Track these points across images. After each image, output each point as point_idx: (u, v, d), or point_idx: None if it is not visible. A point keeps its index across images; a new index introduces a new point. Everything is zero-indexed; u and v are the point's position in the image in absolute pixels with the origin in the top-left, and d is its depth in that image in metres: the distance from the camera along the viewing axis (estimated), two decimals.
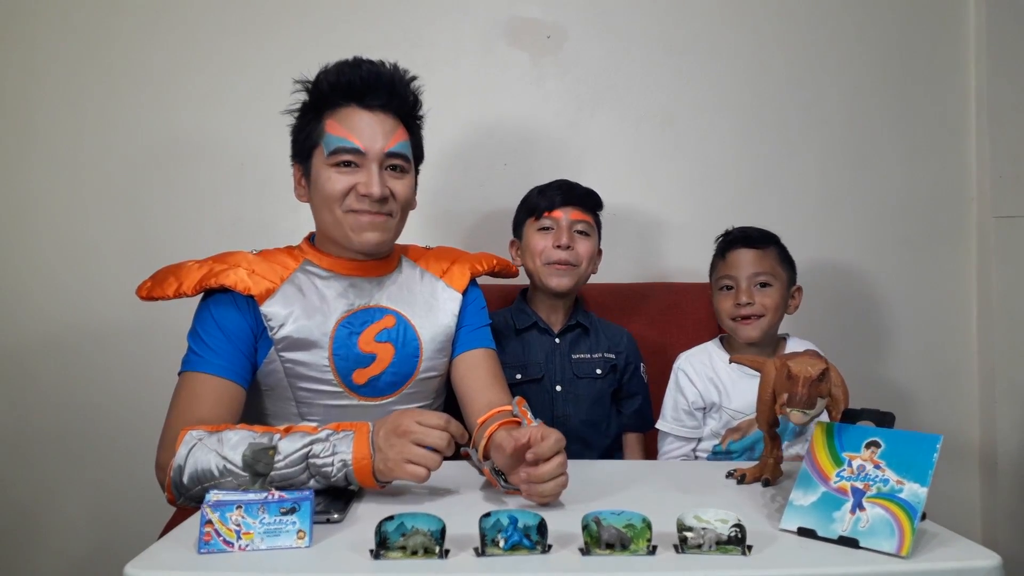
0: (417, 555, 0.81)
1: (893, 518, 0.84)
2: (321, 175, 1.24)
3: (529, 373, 1.55)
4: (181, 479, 1.01)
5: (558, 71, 1.96)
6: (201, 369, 1.17)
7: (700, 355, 1.52)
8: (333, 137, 1.22)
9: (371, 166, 1.23)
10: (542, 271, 1.55)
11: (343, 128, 1.22)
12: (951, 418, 2.01)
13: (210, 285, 1.21)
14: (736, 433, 1.44)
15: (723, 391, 1.46)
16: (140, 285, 1.24)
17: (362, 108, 1.24)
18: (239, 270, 1.22)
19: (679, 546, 0.83)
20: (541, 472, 0.97)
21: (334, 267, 1.29)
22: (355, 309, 1.27)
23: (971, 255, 2.02)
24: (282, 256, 1.30)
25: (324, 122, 1.24)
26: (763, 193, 1.98)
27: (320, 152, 1.24)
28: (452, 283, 1.38)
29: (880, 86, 2.00)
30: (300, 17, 1.91)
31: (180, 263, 1.25)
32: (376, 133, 1.23)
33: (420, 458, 0.97)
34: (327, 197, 1.24)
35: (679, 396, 1.49)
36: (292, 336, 1.22)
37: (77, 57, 1.89)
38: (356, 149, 1.22)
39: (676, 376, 1.51)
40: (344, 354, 1.24)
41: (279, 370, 1.23)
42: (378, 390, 1.27)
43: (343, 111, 1.24)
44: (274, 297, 1.23)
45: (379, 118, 1.24)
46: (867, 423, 0.94)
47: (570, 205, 1.55)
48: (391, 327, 1.28)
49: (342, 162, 1.22)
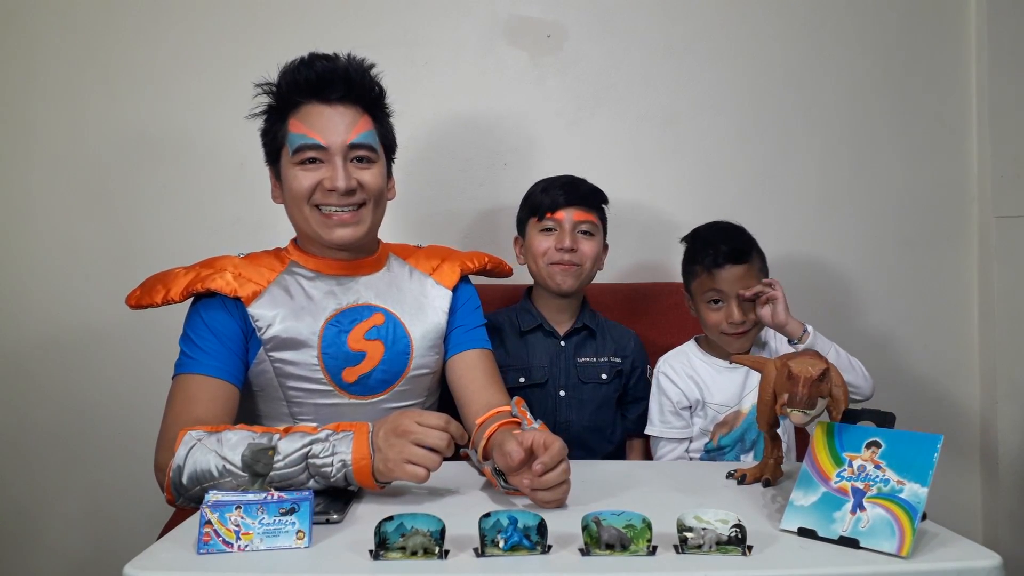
0: (417, 555, 0.81)
1: (894, 518, 0.84)
2: (288, 174, 1.25)
3: (533, 377, 1.53)
4: (180, 479, 1.01)
5: (558, 71, 1.96)
6: (195, 371, 1.18)
7: (679, 356, 1.54)
8: (295, 136, 1.23)
9: (335, 160, 1.23)
10: (545, 272, 1.53)
11: (304, 126, 1.23)
12: (952, 418, 2.01)
13: (197, 290, 1.22)
14: (724, 427, 1.47)
15: (704, 387, 1.48)
16: (129, 294, 1.25)
17: (322, 103, 1.24)
18: (225, 274, 1.24)
19: (679, 546, 0.83)
20: (546, 480, 0.96)
21: (320, 267, 1.30)
22: (343, 308, 1.27)
23: (972, 255, 2.02)
24: (268, 259, 1.31)
25: (288, 122, 1.25)
26: (763, 193, 1.98)
27: (286, 152, 1.25)
28: (442, 280, 1.38)
29: (880, 86, 2.00)
30: (300, 17, 1.91)
31: (167, 271, 1.26)
32: (337, 126, 1.23)
33: (420, 458, 0.97)
34: (295, 196, 1.25)
35: (663, 399, 1.50)
36: (280, 336, 1.22)
37: (77, 57, 1.89)
38: (317, 144, 1.22)
39: (657, 379, 1.52)
40: (333, 353, 1.24)
41: (269, 370, 1.23)
42: (369, 388, 1.27)
43: (304, 109, 1.24)
44: (261, 298, 1.23)
45: (339, 111, 1.24)
46: (867, 423, 0.94)
47: (573, 205, 1.52)
48: (380, 325, 1.28)
49: (307, 159, 1.23)
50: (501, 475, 1.04)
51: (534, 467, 0.96)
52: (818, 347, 1.38)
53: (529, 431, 1.01)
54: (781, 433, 1.15)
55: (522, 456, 0.98)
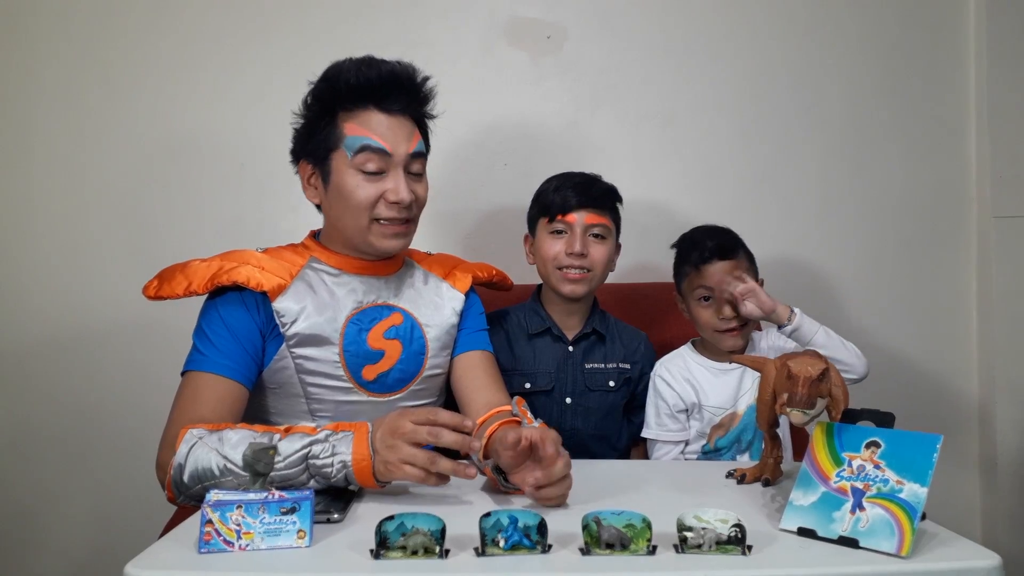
0: (417, 555, 0.81)
1: (893, 518, 0.84)
2: (347, 181, 1.22)
3: (539, 384, 1.51)
4: (181, 477, 1.01)
5: (558, 71, 1.96)
6: (205, 368, 1.17)
7: (675, 359, 1.54)
8: (356, 138, 1.21)
9: (397, 171, 1.22)
10: (554, 277, 1.49)
11: (365, 130, 1.21)
12: (951, 418, 2.01)
13: (222, 282, 1.19)
14: (720, 430, 1.47)
15: (700, 390, 1.48)
16: (147, 284, 1.22)
17: (380, 111, 1.22)
18: (249, 267, 1.21)
19: (679, 546, 0.83)
20: (553, 471, 0.97)
21: (342, 265, 1.29)
22: (364, 306, 1.27)
23: (971, 255, 2.02)
24: (288, 253, 1.30)
25: (342, 124, 1.22)
26: (763, 193, 1.98)
27: (342, 155, 1.22)
28: (456, 284, 1.39)
29: (880, 86, 2.00)
30: (300, 17, 1.91)
31: (185, 262, 1.24)
32: (398, 136, 1.22)
33: (414, 458, 0.97)
34: (356, 205, 1.22)
35: (660, 401, 1.50)
36: (304, 332, 1.22)
37: (77, 57, 1.89)
38: (383, 150, 1.21)
39: (654, 382, 1.53)
40: (355, 350, 1.24)
41: (290, 366, 1.22)
42: (387, 386, 1.28)
43: (361, 114, 1.22)
44: (286, 293, 1.22)
45: (399, 121, 1.23)
46: (867, 423, 0.95)
47: (585, 207, 1.47)
48: (399, 324, 1.29)
49: (369, 165, 1.21)
50: (502, 474, 1.04)
51: (545, 451, 0.96)
52: (805, 328, 1.39)
53: (527, 429, 1.02)
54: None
55: (517, 438, 0.98)
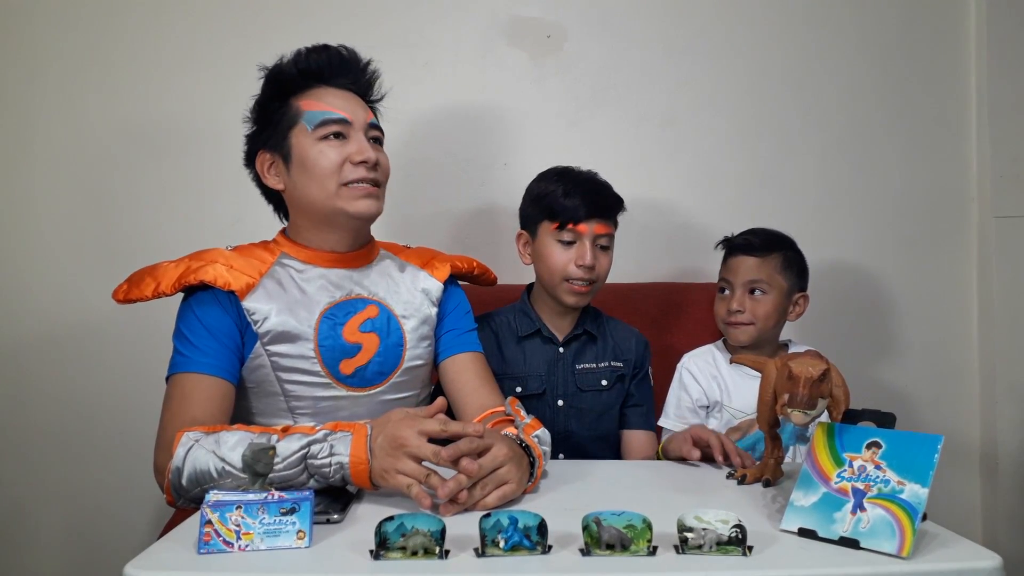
0: (417, 555, 0.81)
1: (894, 519, 0.84)
2: (311, 151, 1.24)
3: (530, 387, 1.49)
4: (180, 481, 1.01)
5: (558, 71, 1.96)
6: (189, 369, 1.17)
7: (704, 355, 1.54)
8: (315, 112, 1.24)
9: (359, 134, 1.25)
10: (561, 288, 1.46)
11: (321, 103, 1.25)
12: (952, 418, 2.01)
13: (189, 282, 1.19)
14: (737, 432, 1.44)
15: (725, 390, 1.48)
16: (116, 289, 1.22)
17: (331, 87, 1.27)
18: (217, 266, 1.21)
19: (679, 547, 0.83)
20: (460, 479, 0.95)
21: (312, 259, 1.29)
22: (337, 300, 1.27)
23: (971, 255, 2.02)
24: (258, 251, 1.29)
25: (296, 103, 1.26)
26: (763, 193, 1.98)
27: (302, 129, 1.24)
28: (433, 273, 1.38)
29: (880, 86, 2.00)
30: (300, 18, 1.91)
31: (155, 264, 1.24)
32: (355, 106, 1.27)
33: (413, 473, 0.96)
34: (322, 171, 1.23)
35: (683, 394, 1.50)
36: (277, 329, 1.21)
37: (77, 56, 1.89)
38: (343, 119, 1.24)
39: (680, 374, 1.53)
40: (330, 345, 1.23)
41: (266, 364, 1.22)
42: (366, 380, 1.27)
43: (314, 91, 1.26)
44: (255, 292, 1.22)
45: (351, 94, 1.29)
46: (868, 424, 0.94)
47: (596, 217, 1.45)
48: (374, 317, 1.28)
49: (332, 133, 1.23)
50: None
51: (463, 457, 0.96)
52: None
53: (473, 424, 1.02)
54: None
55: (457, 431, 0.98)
